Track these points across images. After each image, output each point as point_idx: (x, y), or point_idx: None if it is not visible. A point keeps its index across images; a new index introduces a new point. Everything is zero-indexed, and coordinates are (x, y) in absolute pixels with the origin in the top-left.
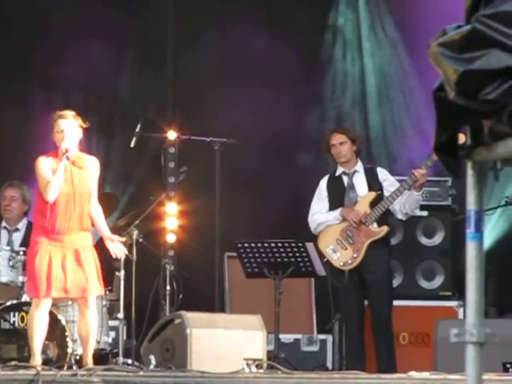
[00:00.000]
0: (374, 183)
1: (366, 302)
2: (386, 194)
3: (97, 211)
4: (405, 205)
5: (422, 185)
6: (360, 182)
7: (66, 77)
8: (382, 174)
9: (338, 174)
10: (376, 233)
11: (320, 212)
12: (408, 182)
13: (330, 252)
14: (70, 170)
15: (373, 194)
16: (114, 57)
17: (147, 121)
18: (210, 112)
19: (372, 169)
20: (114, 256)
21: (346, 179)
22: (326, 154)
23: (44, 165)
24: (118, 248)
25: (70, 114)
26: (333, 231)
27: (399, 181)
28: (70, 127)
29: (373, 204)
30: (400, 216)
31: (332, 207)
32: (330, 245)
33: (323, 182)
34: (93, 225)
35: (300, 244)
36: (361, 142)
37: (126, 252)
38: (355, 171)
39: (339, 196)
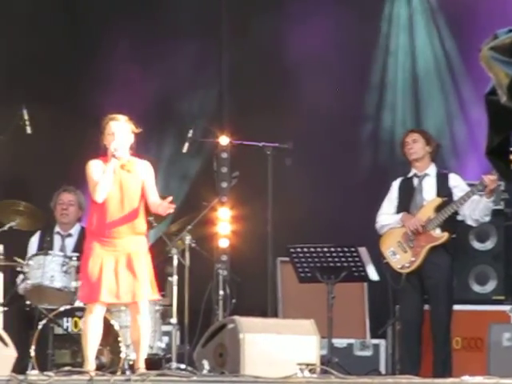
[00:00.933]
0: (443, 189)
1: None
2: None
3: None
4: (474, 211)
5: (492, 191)
6: (429, 186)
7: (121, 81)
8: (454, 180)
9: (410, 175)
10: (436, 238)
11: (386, 213)
12: (477, 187)
13: (390, 254)
14: (118, 173)
15: (438, 200)
16: (168, 60)
17: (200, 126)
18: (262, 117)
19: (445, 174)
20: (164, 214)
21: (416, 182)
22: (402, 156)
23: (94, 167)
24: (163, 206)
25: (122, 117)
26: (396, 234)
27: (470, 185)
28: (121, 129)
29: (438, 210)
30: (470, 222)
31: (400, 209)
32: (391, 247)
33: (396, 183)
34: (150, 228)
35: (353, 249)
36: (437, 146)
37: (173, 207)
38: (426, 174)
39: (407, 198)
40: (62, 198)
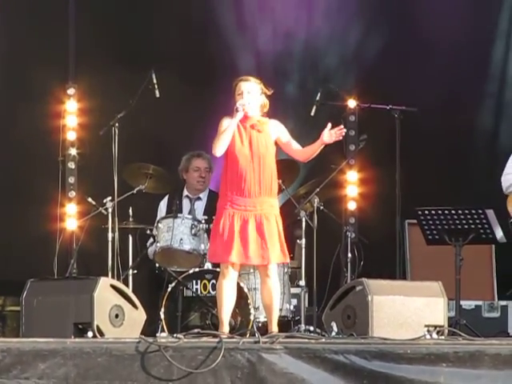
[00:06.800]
0: None
1: None
2: None
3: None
4: None
5: None
6: None
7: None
8: None
9: None
10: None
11: None
12: None
13: None
14: (249, 133)
15: None
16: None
17: (327, 90)
18: (389, 80)
19: None
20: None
21: None
22: None
23: (225, 123)
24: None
25: (252, 78)
26: None
27: None
28: (250, 89)
29: None
30: None
31: None
32: None
33: None
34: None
35: (480, 211)
36: None
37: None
38: None
39: None
40: (199, 165)
